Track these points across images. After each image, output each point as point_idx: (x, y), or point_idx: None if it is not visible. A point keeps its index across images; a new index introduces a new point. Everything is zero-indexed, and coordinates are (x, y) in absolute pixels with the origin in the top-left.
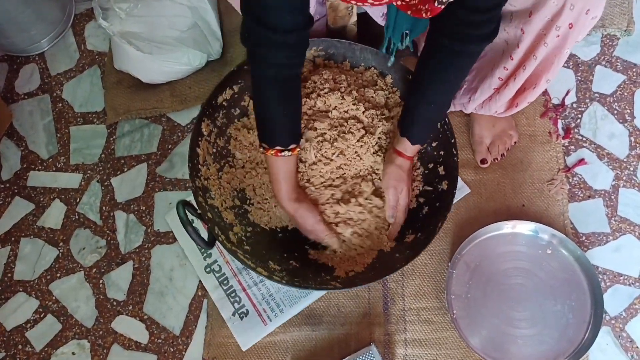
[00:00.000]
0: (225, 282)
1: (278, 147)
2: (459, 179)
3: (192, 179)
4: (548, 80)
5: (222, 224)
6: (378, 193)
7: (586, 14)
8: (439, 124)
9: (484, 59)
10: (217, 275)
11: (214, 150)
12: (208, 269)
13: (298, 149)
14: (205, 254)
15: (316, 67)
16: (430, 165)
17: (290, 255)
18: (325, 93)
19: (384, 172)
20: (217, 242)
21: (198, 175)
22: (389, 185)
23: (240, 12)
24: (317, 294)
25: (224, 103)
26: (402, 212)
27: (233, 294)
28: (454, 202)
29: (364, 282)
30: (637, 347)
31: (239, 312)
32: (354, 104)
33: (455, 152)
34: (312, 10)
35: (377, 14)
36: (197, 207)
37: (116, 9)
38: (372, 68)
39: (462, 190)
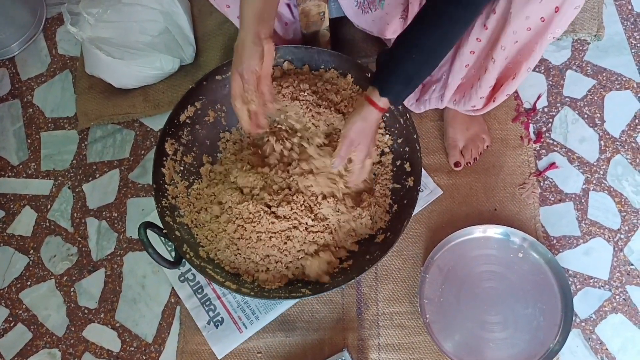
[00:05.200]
0: (199, 290)
1: None
2: (432, 181)
3: (157, 199)
4: (529, 69)
5: (192, 241)
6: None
7: None
8: (404, 119)
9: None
10: (191, 284)
11: (182, 168)
12: (182, 278)
13: None
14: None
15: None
16: (398, 162)
17: None
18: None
19: (347, 121)
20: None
21: (165, 195)
22: (346, 135)
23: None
24: (291, 302)
25: (187, 120)
26: (358, 171)
27: (208, 303)
28: (427, 203)
29: (333, 286)
30: (607, 349)
31: (214, 320)
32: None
33: (418, 148)
34: (285, 14)
35: None
36: (162, 227)
37: (85, 14)
38: (332, 70)
39: (434, 192)
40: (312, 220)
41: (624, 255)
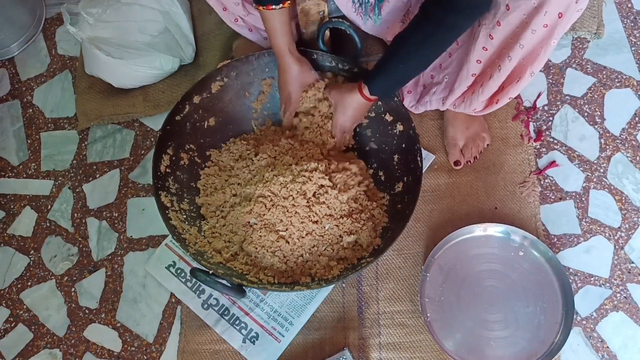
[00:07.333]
0: (225, 312)
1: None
2: (421, 149)
3: (185, 248)
4: (532, 74)
5: (236, 274)
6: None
7: (576, 2)
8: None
9: (462, 45)
10: (215, 308)
11: (184, 216)
12: (205, 305)
13: (290, 2)
14: (198, 291)
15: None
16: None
17: None
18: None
19: (340, 112)
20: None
21: (187, 245)
22: (344, 127)
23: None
24: (320, 298)
25: (167, 170)
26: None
27: (237, 322)
28: (424, 170)
29: (389, 244)
30: (608, 347)
31: (248, 337)
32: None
33: (392, 95)
34: None
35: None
36: (206, 270)
37: (84, 14)
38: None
39: (427, 158)
40: (341, 194)
41: (625, 253)
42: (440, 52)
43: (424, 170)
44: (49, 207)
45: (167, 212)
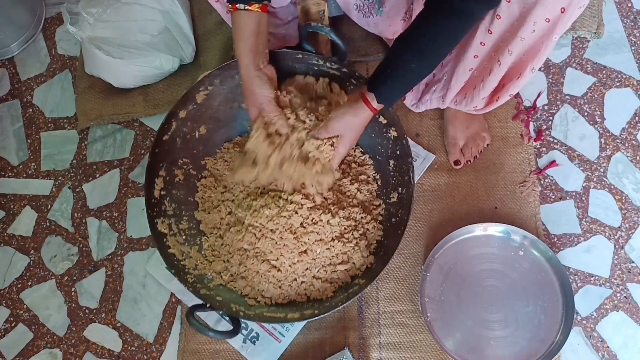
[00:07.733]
0: None
1: (235, 2)
2: (422, 149)
3: (184, 281)
4: (533, 70)
5: (236, 296)
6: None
7: None
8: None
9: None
10: None
11: (183, 237)
12: (207, 305)
13: (258, 7)
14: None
15: None
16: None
17: None
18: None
19: (338, 111)
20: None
21: (187, 272)
22: (333, 125)
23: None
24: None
25: (162, 192)
26: (334, 166)
27: None
28: (424, 170)
29: (385, 262)
30: (608, 347)
31: (249, 338)
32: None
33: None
34: (284, 11)
35: None
36: (204, 302)
37: (84, 14)
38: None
39: (427, 158)
40: (332, 217)
41: (625, 253)
42: (453, 46)
43: (423, 171)
44: (49, 206)
45: (164, 239)
